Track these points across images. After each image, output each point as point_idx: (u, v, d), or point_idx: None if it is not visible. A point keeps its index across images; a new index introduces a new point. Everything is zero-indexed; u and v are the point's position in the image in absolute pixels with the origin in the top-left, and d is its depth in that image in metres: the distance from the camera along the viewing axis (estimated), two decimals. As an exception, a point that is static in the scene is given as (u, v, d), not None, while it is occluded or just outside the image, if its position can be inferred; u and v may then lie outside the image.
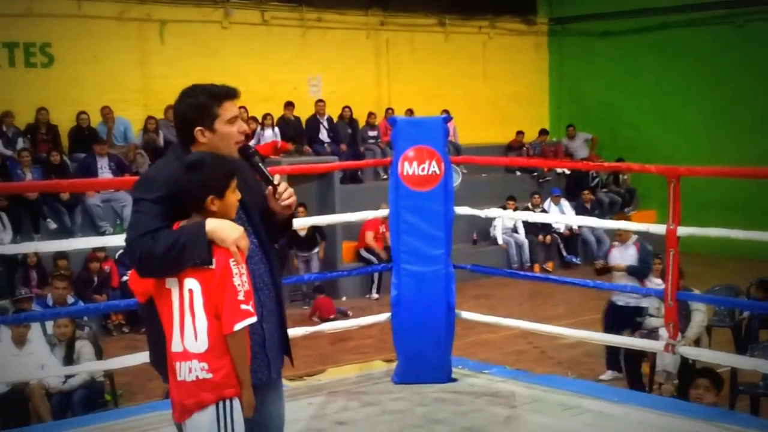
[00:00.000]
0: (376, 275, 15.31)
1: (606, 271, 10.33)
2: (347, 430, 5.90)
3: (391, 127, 7.08)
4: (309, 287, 14.48)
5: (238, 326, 3.49)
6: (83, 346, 8.82)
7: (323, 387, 6.77)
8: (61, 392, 8.60)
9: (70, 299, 9.76)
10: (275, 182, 3.80)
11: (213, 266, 3.50)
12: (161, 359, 3.69)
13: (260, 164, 3.84)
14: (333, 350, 10.89)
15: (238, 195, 3.64)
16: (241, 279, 3.51)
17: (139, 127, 16.43)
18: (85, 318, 9.66)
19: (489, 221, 17.54)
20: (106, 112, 16.08)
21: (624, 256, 10.11)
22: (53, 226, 14.01)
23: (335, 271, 15.06)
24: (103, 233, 13.68)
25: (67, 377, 8.66)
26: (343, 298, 15.16)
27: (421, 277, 6.80)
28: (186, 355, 3.55)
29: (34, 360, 8.55)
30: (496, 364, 7.55)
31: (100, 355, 8.92)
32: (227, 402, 3.54)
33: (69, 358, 8.68)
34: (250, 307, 3.52)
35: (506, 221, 17.78)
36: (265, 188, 3.85)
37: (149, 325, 3.82)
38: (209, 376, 3.52)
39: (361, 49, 19.72)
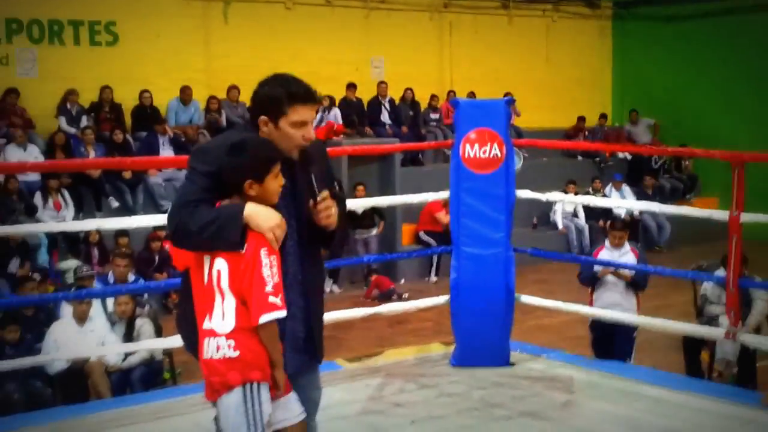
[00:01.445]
0: (435, 258, 15.29)
1: (595, 279, 8.93)
2: (404, 412, 5.89)
3: (454, 108, 7.04)
4: (366, 269, 14.53)
5: (263, 318, 3.45)
6: (143, 324, 8.89)
7: (381, 369, 6.78)
8: (120, 370, 8.69)
9: (131, 277, 9.84)
10: (318, 198, 3.71)
11: (243, 252, 3.49)
12: (189, 329, 3.72)
13: (312, 175, 3.75)
14: (391, 332, 10.88)
15: (280, 181, 3.59)
16: (270, 270, 3.47)
17: (201, 107, 16.55)
18: (146, 296, 9.73)
19: (549, 205, 17.42)
20: (187, 94, 16.22)
21: (619, 262, 8.78)
22: (115, 204, 14.16)
23: (394, 253, 15.06)
24: (164, 212, 13.76)
25: (127, 355, 8.75)
26: (402, 281, 15.14)
27: (481, 260, 6.77)
28: (213, 333, 3.54)
29: (95, 337, 8.64)
30: (554, 349, 7.49)
31: (159, 333, 8.97)
32: (254, 386, 3.51)
33: (129, 336, 8.76)
34: (278, 300, 3.47)
35: (567, 206, 17.64)
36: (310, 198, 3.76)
37: (182, 294, 3.82)
38: (236, 354, 3.50)
39: (424, 31, 19.66)
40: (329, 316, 6.57)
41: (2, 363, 6.83)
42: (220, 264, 3.53)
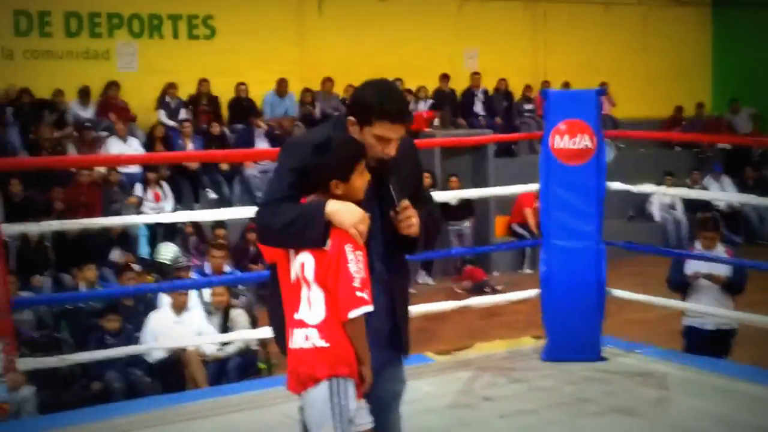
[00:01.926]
0: (528, 250, 15.19)
1: (686, 284, 8.32)
2: (494, 405, 5.88)
3: (544, 99, 6.98)
4: (460, 260, 14.51)
5: (352, 314, 3.46)
6: (238, 315, 9.03)
7: (471, 362, 6.76)
8: (216, 359, 8.83)
9: (227, 268, 9.97)
10: (398, 208, 3.70)
11: (327, 248, 3.51)
12: (277, 322, 3.75)
13: (391, 186, 3.75)
14: (483, 325, 10.83)
15: (366, 178, 3.60)
16: (357, 265, 3.48)
17: (296, 99, 16.70)
18: (241, 287, 9.87)
19: (646, 197, 17.17)
20: (283, 86, 16.39)
21: (712, 264, 8.14)
22: (212, 196, 14.37)
23: (487, 245, 15.01)
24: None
25: (223, 345, 8.89)
26: (495, 273, 15.10)
27: (571, 252, 6.70)
28: (303, 324, 3.56)
29: (192, 327, 8.80)
30: (648, 344, 7.37)
31: (255, 324, 9.08)
32: (341, 380, 3.51)
33: (224, 326, 8.90)
34: (365, 295, 3.47)
35: (664, 198, 17.36)
36: (395, 204, 3.74)
37: (271, 287, 3.84)
38: (325, 345, 3.51)
39: (518, 21, 19.54)
40: (421, 308, 6.63)
41: (103, 351, 7.00)
42: (307, 258, 3.56)
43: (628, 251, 9.79)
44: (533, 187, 7.09)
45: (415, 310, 6.20)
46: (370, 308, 3.49)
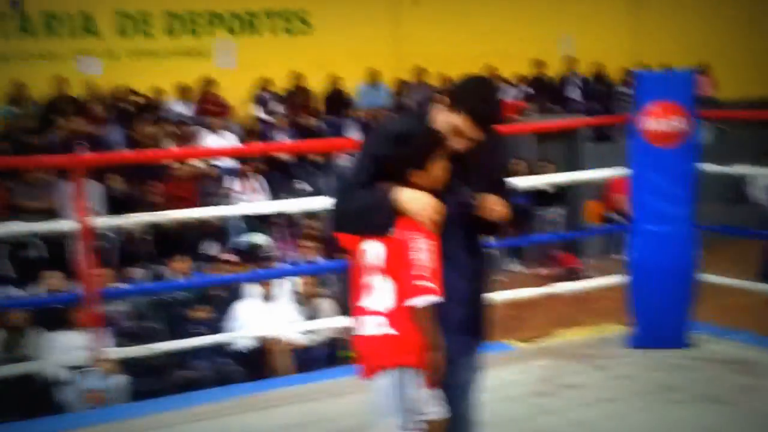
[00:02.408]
0: (620, 235, 14.88)
1: None
2: (576, 394, 5.76)
3: (635, 81, 6.83)
4: (551, 247, 14.34)
5: (416, 302, 3.44)
6: (326, 304, 9.06)
7: (554, 349, 6.65)
8: (302, 348, 8.87)
9: (317, 259, 10.00)
10: (475, 201, 3.69)
11: (396, 236, 3.50)
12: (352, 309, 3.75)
13: (469, 174, 3.73)
14: (571, 312, 10.64)
15: (444, 167, 3.58)
16: (421, 254, 3.45)
17: (389, 90, 16.73)
18: (331, 276, 9.89)
19: (747, 180, 16.68)
20: (376, 77, 16.42)
21: None
22: (305, 187, 14.43)
23: (578, 231, 14.81)
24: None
25: (308, 333, 8.93)
26: (587, 259, 14.84)
27: (661, 237, 6.53)
28: (371, 311, 3.56)
29: (278, 316, 8.86)
30: (744, 330, 7.12)
31: (343, 313, 9.09)
32: (407, 370, 3.49)
33: (312, 315, 8.93)
34: (429, 284, 3.44)
35: (764, 179, 16.82)
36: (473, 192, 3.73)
37: (347, 275, 3.85)
38: (393, 333, 3.50)
39: (614, 3, 19.20)
40: (507, 295, 6.56)
41: (192, 340, 7.08)
42: (377, 245, 3.57)
43: (728, 236, 9.49)
44: (624, 171, 6.94)
45: (501, 297, 6.14)
46: (434, 298, 3.46)
